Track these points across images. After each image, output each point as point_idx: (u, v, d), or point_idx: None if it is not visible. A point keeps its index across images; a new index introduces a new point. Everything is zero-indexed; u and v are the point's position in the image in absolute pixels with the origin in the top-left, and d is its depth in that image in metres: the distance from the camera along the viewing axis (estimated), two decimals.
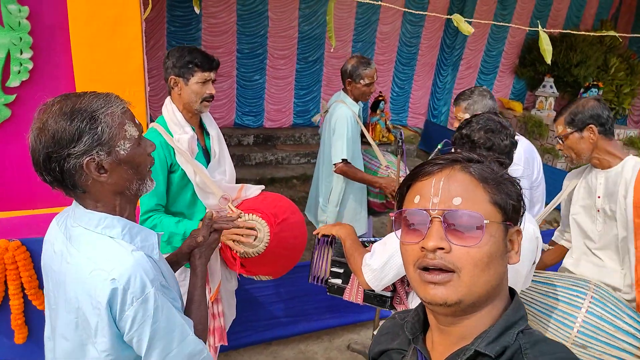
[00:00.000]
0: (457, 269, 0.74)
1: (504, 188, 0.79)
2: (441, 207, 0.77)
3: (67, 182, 1.10)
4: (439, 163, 0.81)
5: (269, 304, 3.16)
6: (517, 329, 0.77)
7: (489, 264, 0.75)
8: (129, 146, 1.13)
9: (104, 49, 2.23)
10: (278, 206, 2.19)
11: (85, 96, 1.11)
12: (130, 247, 1.13)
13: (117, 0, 2.19)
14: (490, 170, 0.80)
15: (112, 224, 1.14)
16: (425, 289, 0.77)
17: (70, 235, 1.15)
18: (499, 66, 8.81)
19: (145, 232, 1.20)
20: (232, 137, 6.82)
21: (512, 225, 0.81)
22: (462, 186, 0.78)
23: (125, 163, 1.14)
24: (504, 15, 8.23)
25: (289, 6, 6.78)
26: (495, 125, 1.65)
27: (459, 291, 0.75)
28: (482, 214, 0.76)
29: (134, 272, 1.08)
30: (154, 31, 6.29)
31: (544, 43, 3.03)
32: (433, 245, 0.75)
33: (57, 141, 1.06)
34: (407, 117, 8.49)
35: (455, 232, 0.76)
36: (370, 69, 2.99)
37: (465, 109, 2.57)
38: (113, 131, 1.10)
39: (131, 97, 2.36)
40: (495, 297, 0.78)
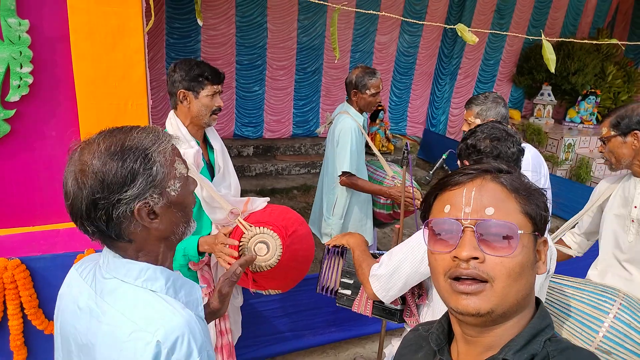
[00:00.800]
0: (491, 278, 0.74)
1: (534, 199, 0.79)
2: (474, 216, 0.76)
3: (111, 232, 0.95)
4: (470, 173, 0.81)
5: (273, 318, 3.11)
6: (544, 337, 0.76)
7: (521, 274, 0.75)
8: (179, 186, 1.00)
9: (106, 62, 2.20)
10: (287, 218, 2.14)
11: (132, 132, 0.97)
12: (177, 304, 0.96)
13: (119, 13, 2.16)
14: (520, 180, 0.81)
15: (154, 276, 0.97)
16: (457, 299, 0.76)
17: (102, 289, 0.98)
18: (497, 75, 8.84)
19: (190, 284, 1.05)
20: (231, 148, 6.79)
21: (539, 236, 0.80)
22: (494, 196, 0.78)
23: (175, 205, 1.00)
24: (502, 24, 8.27)
25: (288, 17, 6.80)
26: (501, 134, 1.63)
27: (492, 301, 0.74)
28: (516, 224, 0.76)
29: (182, 334, 0.91)
30: (153, 43, 6.28)
31: (547, 52, 3.00)
32: (467, 255, 0.75)
33: (106, 185, 0.91)
34: (406, 126, 8.49)
35: (487, 242, 0.75)
36: (376, 79, 2.97)
37: (477, 114, 2.53)
38: (165, 170, 0.97)
39: (134, 110, 2.33)
40: (524, 307, 0.79)
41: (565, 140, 7.40)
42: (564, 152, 7.44)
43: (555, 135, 7.56)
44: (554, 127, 8.15)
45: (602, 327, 1.77)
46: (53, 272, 2.04)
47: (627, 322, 1.75)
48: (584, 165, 7.25)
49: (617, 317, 1.77)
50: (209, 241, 1.96)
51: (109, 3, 2.12)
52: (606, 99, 8.29)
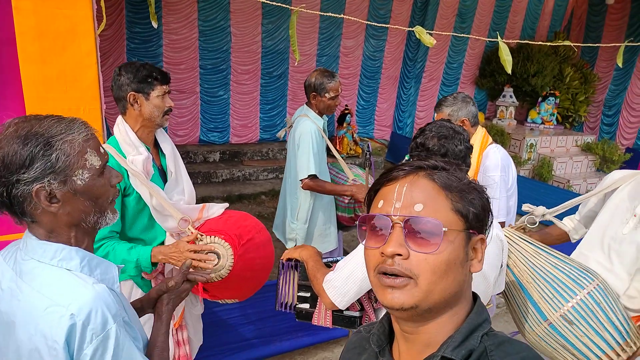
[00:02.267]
0: (415, 275, 0.75)
1: (467, 196, 0.80)
2: (403, 212, 0.77)
3: (15, 209, 1.03)
4: (405, 169, 0.82)
5: (238, 325, 3.06)
6: (481, 332, 0.78)
7: (447, 271, 0.76)
8: (87, 176, 1.06)
9: (56, 66, 2.12)
10: (242, 226, 2.10)
11: (45, 120, 1.03)
12: (90, 280, 1.04)
13: (69, 15, 2.09)
14: (455, 178, 0.80)
15: (69, 256, 1.06)
16: (384, 293, 0.77)
17: (20, 269, 1.05)
18: (460, 77, 9.03)
19: (106, 264, 1.13)
20: (197, 154, 6.69)
21: (475, 234, 0.81)
22: (424, 193, 0.78)
23: (82, 194, 1.06)
24: (463, 27, 8.46)
25: (252, 21, 6.76)
26: (448, 132, 1.65)
27: (415, 296, 0.75)
28: (442, 222, 0.76)
29: (95, 306, 0.99)
30: (113, 48, 6.13)
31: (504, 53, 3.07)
32: (391, 251, 0.76)
33: (6, 165, 0.98)
34: (373, 129, 8.56)
35: (415, 239, 0.76)
36: (335, 82, 2.97)
37: (449, 115, 2.55)
38: (71, 159, 1.03)
39: (86, 115, 2.25)
40: (454, 303, 0.79)
41: (527, 140, 7.60)
42: (526, 152, 7.64)
43: (517, 136, 7.76)
44: (516, 128, 8.38)
45: (574, 298, 1.82)
46: None
47: (597, 301, 1.81)
48: (545, 165, 7.46)
49: (590, 294, 1.82)
50: (165, 251, 1.91)
51: (58, 5, 2.05)
52: (565, 99, 8.57)
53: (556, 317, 1.82)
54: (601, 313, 1.78)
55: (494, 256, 1.61)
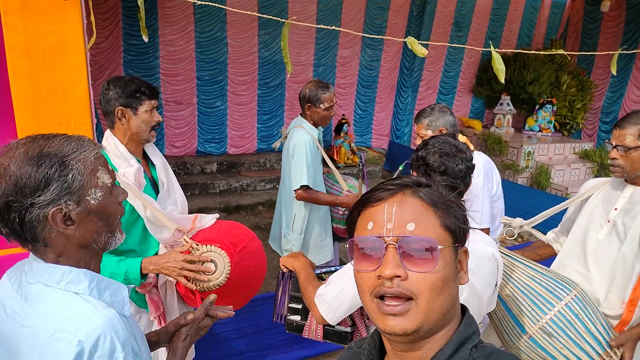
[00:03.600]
0: (415, 295, 0.75)
1: (452, 211, 0.81)
2: (395, 233, 0.77)
3: (26, 235, 0.98)
4: (390, 189, 0.81)
5: (232, 339, 3.03)
6: (470, 344, 0.79)
7: (444, 287, 0.76)
8: (100, 195, 1.03)
9: (46, 81, 2.12)
10: (236, 234, 2.10)
11: (55, 139, 1.00)
12: (100, 304, 1.00)
13: (59, 30, 2.09)
14: (439, 194, 0.82)
15: (77, 279, 1.01)
16: (384, 321, 0.77)
17: (26, 293, 1.01)
18: (457, 86, 9.05)
19: (115, 285, 1.08)
20: (194, 165, 6.69)
21: (460, 247, 0.82)
22: (414, 211, 0.78)
23: (95, 214, 1.03)
24: (460, 36, 8.50)
25: (248, 33, 6.79)
26: (451, 149, 1.63)
27: (417, 319, 0.75)
28: (436, 239, 0.77)
29: (104, 333, 0.95)
30: (109, 60, 6.15)
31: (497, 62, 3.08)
32: (390, 273, 0.75)
33: (19, 189, 0.93)
34: (371, 138, 8.56)
35: (410, 258, 0.76)
36: (330, 93, 2.97)
37: (427, 125, 2.57)
38: (85, 178, 1.00)
39: (77, 129, 2.25)
40: (450, 319, 0.80)
41: (525, 148, 7.60)
42: (524, 160, 7.63)
43: (515, 144, 7.76)
44: (514, 136, 8.38)
45: (552, 310, 1.82)
46: None
47: (575, 312, 1.81)
48: (543, 173, 7.45)
49: (568, 306, 1.82)
50: (157, 262, 1.90)
51: (47, 20, 2.05)
52: (562, 107, 8.58)
53: (535, 329, 1.81)
54: (579, 324, 1.78)
55: (488, 275, 1.59)
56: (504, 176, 7.66)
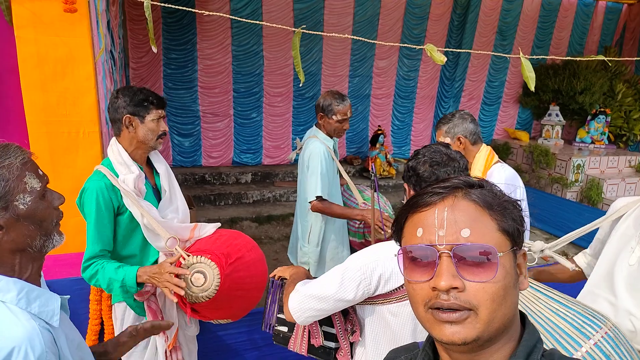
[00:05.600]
0: (474, 307, 0.69)
1: (509, 213, 0.74)
2: (449, 240, 0.70)
3: None
4: (439, 192, 0.74)
5: (245, 350, 2.98)
6: (538, 354, 0.73)
7: (505, 296, 0.70)
8: (29, 200, 1.04)
9: (56, 91, 2.20)
10: (232, 245, 2.07)
11: None
12: (23, 315, 1.00)
13: (68, 42, 2.17)
14: (493, 194, 0.75)
15: (6, 287, 1.01)
16: (441, 329, 0.70)
17: None
18: (502, 96, 8.71)
19: (47, 296, 1.08)
20: (229, 175, 6.79)
21: (518, 250, 0.75)
22: (468, 216, 0.71)
23: (25, 218, 1.03)
24: (504, 45, 8.20)
25: (284, 45, 6.86)
26: (442, 158, 1.54)
27: (477, 328, 0.69)
28: (494, 245, 0.70)
29: (19, 345, 0.95)
30: (150, 74, 6.40)
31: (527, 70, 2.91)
32: (446, 285, 0.69)
33: None
34: (409, 150, 8.38)
35: (467, 267, 0.69)
36: (344, 105, 2.89)
37: (446, 132, 2.49)
38: (10, 184, 1.01)
39: (85, 138, 2.31)
40: (511, 326, 0.74)
41: (574, 161, 7.16)
42: (573, 173, 7.19)
43: (563, 157, 7.33)
44: (563, 148, 7.93)
45: (578, 351, 1.62)
46: None
47: (606, 354, 1.60)
48: (594, 187, 6.98)
49: (598, 346, 1.62)
50: (149, 271, 1.90)
51: (57, 33, 2.14)
52: (617, 117, 8.05)
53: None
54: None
55: None
56: (551, 190, 7.25)
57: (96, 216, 1.91)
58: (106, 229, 1.95)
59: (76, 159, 2.27)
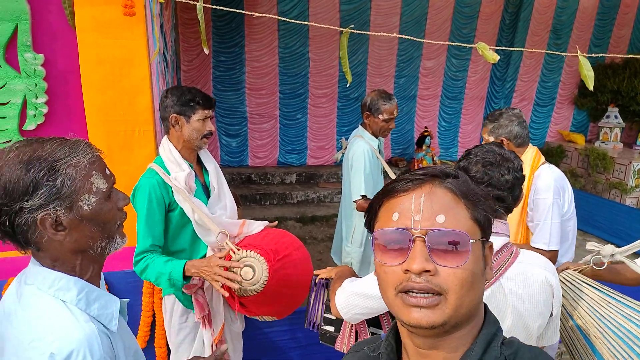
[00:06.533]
0: (444, 291, 0.71)
1: (481, 204, 0.77)
2: (424, 225, 0.72)
3: (18, 238, 0.97)
4: (417, 178, 0.76)
5: (288, 349, 3.00)
6: (498, 341, 0.75)
7: (473, 283, 0.73)
8: (94, 201, 1.00)
9: (113, 91, 2.30)
10: (280, 242, 2.09)
11: (48, 143, 0.98)
12: (82, 317, 0.97)
13: (125, 44, 2.26)
14: (468, 185, 0.78)
15: (67, 286, 0.99)
16: (410, 313, 0.72)
17: (21, 293, 1.00)
18: (556, 97, 8.36)
19: (106, 298, 1.05)
20: (275, 175, 6.88)
21: (487, 241, 0.78)
22: (444, 203, 0.74)
23: (89, 220, 1.00)
24: (558, 44, 7.87)
25: (330, 46, 6.88)
26: (495, 158, 1.49)
27: (446, 313, 0.71)
28: (467, 232, 0.73)
29: (78, 348, 0.92)
30: (200, 76, 6.58)
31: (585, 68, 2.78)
32: (419, 268, 0.71)
33: (8, 192, 0.92)
34: (457, 152, 8.19)
35: (439, 253, 0.72)
36: (391, 105, 2.87)
37: (490, 131, 2.41)
38: (76, 184, 0.97)
39: (140, 136, 2.40)
40: (476, 314, 0.76)
41: (635, 165, 6.76)
42: (633, 178, 6.79)
43: (622, 161, 6.94)
44: (623, 151, 7.50)
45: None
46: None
47: None
48: None
49: None
50: (198, 265, 1.94)
51: (116, 35, 2.24)
52: None
53: None
54: None
55: (540, 303, 1.40)
56: (609, 196, 6.88)
57: (147, 212, 1.97)
58: (157, 224, 2.02)
59: (131, 156, 2.36)
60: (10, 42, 2.19)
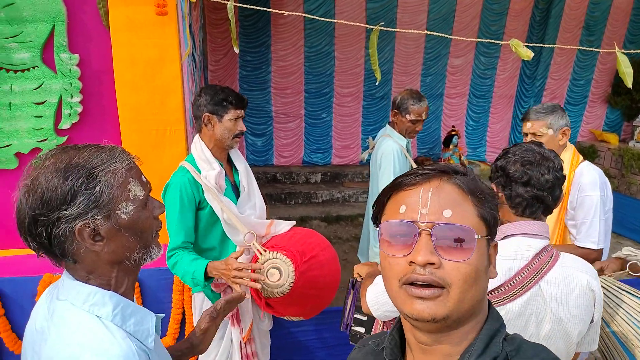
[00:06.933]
0: (447, 284, 0.72)
1: (487, 202, 0.78)
2: (431, 219, 0.73)
3: (54, 250, 0.93)
4: (426, 173, 0.78)
5: (315, 349, 2.99)
6: (500, 337, 0.76)
7: (477, 279, 0.74)
8: (132, 209, 0.96)
9: (146, 90, 2.33)
10: (307, 243, 2.08)
11: (85, 150, 0.94)
12: (119, 333, 0.92)
13: (158, 44, 2.29)
14: (475, 183, 0.78)
15: (102, 301, 0.94)
16: (412, 304, 0.73)
17: (54, 309, 0.96)
18: (589, 95, 8.13)
19: (142, 313, 1.00)
20: (300, 174, 6.88)
21: (492, 239, 0.79)
22: (451, 198, 0.75)
23: (126, 229, 0.95)
24: (591, 41, 7.64)
25: (355, 45, 6.85)
26: (534, 157, 1.44)
27: (447, 307, 0.72)
28: (473, 228, 0.74)
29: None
30: (227, 75, 6.64)
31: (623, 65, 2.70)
32: (423, 260, 0.72)
33: (45, 202, 0.88)
34: (485, 151, 8.05)
35: (444, 247, 0.73)
36: (420, 106, 2.81)
37: (550, 123, 2.27)
38: (114, 192, 0.93)
39: (172, 135, 2.43)
40: (479, 311, 0.77)
41: None
42: None
43: None
44: None
45: None
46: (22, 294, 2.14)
47: None
48: None
49: None
50: (218, 266, 1.94)
51: (148, 35, 2.26)
52: None
53: None
54: None
55: (581, 308, 1.35)
56: None
57: (180, 209, 1.99)
58: (188, 221, 2.03)
59: (162, 155, 2.38)
60: (47, 43, 2.25)
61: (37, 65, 2.25)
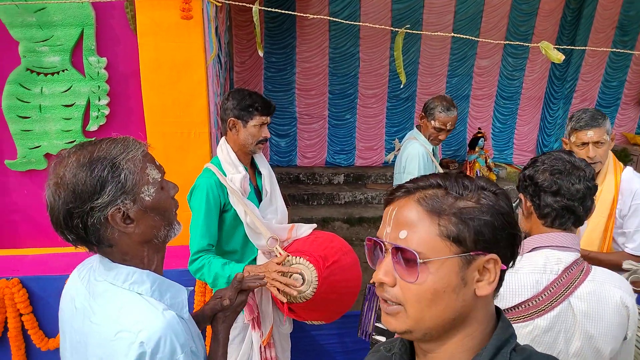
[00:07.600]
0: (402, 303, 0.74)
1: (464, 217, 0.73)
2: (391, 239, 0.76)
3: (91, 238, 1.02)
4: (406, 190, 0.78)
5: (336, 353, 2.98)
6: (509, 348, 0.75)
7: (434, 300, 0.73)
8: (153, 191, 1.05)
9: (171, 93, 2.35)
10: (328, 247, 2.07)
11: (102, 143, 1.03)
12: (160, 306, 1.02)
13: (184, 47, 2.30)
14: (452, 198, 0.74)
15: (141, 279, 1.05)
16: (383, 317, 0.79)
17: (94, 290, 1.05)
18: (621, 97, 7.87)
19: (176, 287, 1.11)
20: (322, 175, 6.88)
21: (482, 254, 0.74)
22: (408, 219, 0.74)
23: (151, 209, 1.05)
24: (625, 42, 7.40)
25: (380, 46, 6.80)
26: (564, 166, 1.39)
27: (406, 323, 0.74)
28: (423, 251, 0.72)
29: (164, 335, 0.97)
30: (252, 76, 6.68)
31: None
32: (375, 279, 0.76)
33: (78, 195, 0.97)
34: (512, 154, 7.88)
35: (400, 266, 0.74)
36: (446, 115, 2.74)
37: (608, 130, 2.16)
38: (136, 177, 1.02)
39: (196, 138, 2.45)
40: (461, 327, 0.76)
41: None
42: None
43: None
44: None
45: None
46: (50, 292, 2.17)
47: None
48: None
49: None
50: (255, 270, 1.95)
51: (174, 39, 2.28)
52: None
53: None
54: None
55: (613, 326, 1.30)
56: None
57: (206, 211, 2.00)
58: (213, 223, 2.04)
59: (186, 158, 2.40)
60: (76, 46, 2.29)
61: (67, 68, 2.30)
